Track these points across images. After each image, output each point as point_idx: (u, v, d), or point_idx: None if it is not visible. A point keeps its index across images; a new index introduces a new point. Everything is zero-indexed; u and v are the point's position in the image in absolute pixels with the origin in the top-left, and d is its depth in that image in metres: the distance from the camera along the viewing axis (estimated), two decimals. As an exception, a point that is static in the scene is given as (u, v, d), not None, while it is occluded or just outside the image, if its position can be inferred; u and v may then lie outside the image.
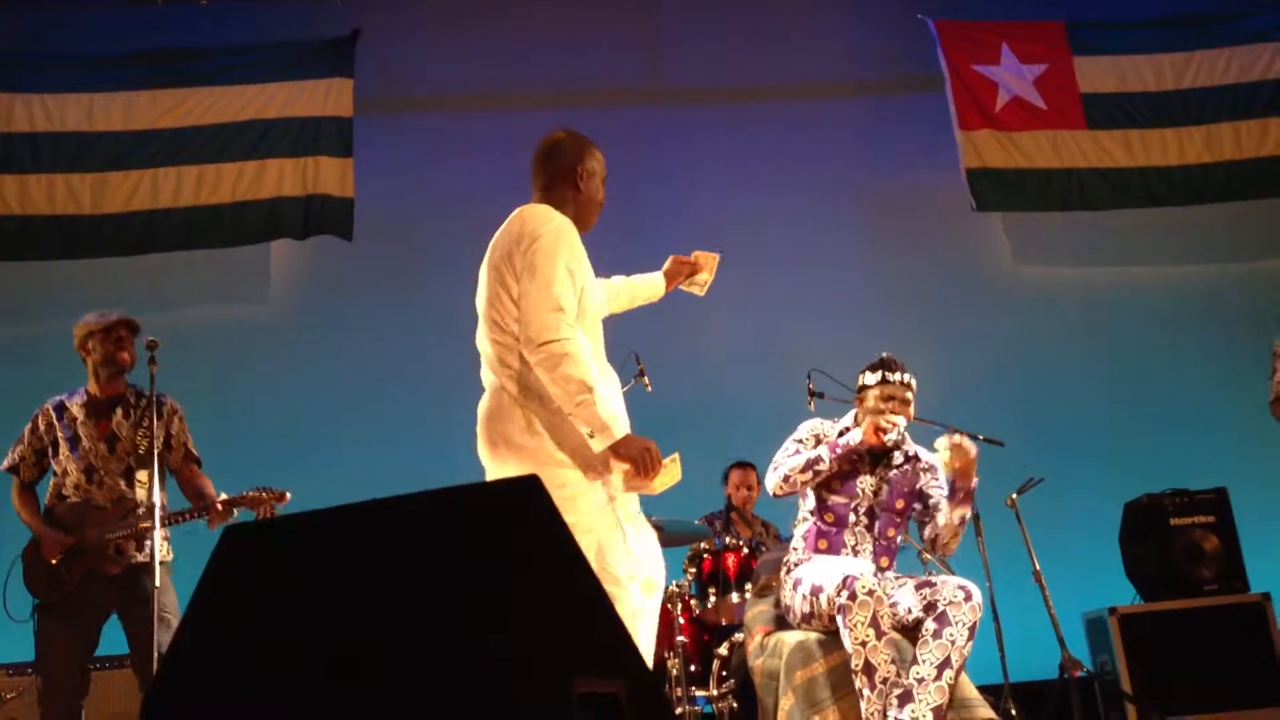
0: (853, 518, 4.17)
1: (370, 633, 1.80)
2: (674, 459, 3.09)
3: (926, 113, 7.62)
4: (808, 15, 7.95)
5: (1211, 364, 7.18)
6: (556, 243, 3.11)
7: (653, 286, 3.77)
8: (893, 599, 4.04)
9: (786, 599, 4.17)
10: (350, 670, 1.77)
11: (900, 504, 4.21)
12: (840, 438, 4.19)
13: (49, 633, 4.22)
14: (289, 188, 7.08)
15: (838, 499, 4.19)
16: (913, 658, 3.81)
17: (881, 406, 4.18)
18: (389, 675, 1.76)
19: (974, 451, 4.01)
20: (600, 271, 3.44)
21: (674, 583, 5.07)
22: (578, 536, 2.88)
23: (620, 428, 3.05)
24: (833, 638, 3.89)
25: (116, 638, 4.35)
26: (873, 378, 4.26)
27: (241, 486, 4.51)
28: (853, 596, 3.75)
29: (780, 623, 4.26)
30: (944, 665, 3.75)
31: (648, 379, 5.04)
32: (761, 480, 4.79)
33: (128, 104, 7.10)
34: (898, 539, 4.22)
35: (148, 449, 4.31)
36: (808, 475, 4.13)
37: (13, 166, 6.99)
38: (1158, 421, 7.15)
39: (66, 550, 4.25)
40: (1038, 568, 5.21)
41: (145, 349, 4.31)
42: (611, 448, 3.00)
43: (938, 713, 3.70)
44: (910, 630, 3.97)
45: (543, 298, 3.04)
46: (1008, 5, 7.93)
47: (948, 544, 4.17)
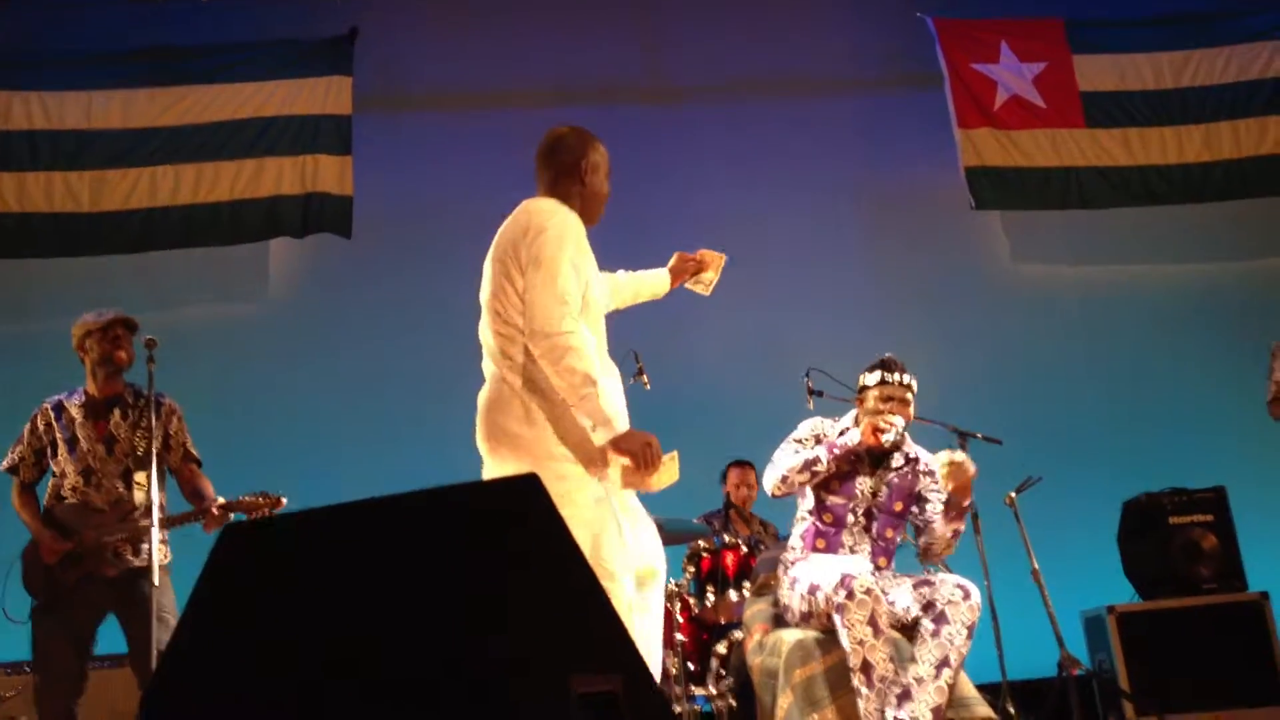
0: (851, 518, 4.17)
1: (369, 631, 1.80)
2: (673, 457, 3.09)
3: (925, 111, 7.62)
4: (807, 14, 7.95)
5: (1210, 363, 7.19)
6: (562, 235, 3.13)
7: (657, 283, 3.77)
8: (891, 598, 4.04)
9: (784, 598, 4.17)
10: (349, 669, 1.77)
11: (899, 506, 4.20)
12: (840, 438, 4.19)
13: (46, 632, 4.21)
14: (288, 186, 7.07)
15: (836, 500, 4.19)
16: (911, 656, 3.81)
17: (880, 407, 4.17)
18: (387, 674, 1.76)
19: (972, 471, 3.98)
20: (600, 268, 3.44)
21: (673, 581, 5.07)
22: (573, 530, 2.89)
23: (622, 422, 3.05)
24: (831, 636, 3.89)
25: (115, 637, 4.34)
26: (872, 378, 4.25)
27: (240, 485, 4.51)
28: (850, 595, 3.75)
29: (779, 621, 4.26)
30: (942, 664, 3.75)
31: (646, 377, 5.03)
32: (760, 479, 4.79)
33: (126, 102, 7.10)
34: (896, 540, 4.21)
35: (146, 450, 4.29)
36: (805, 475, 4.12)
37: (11, 164, 6.98)
38: (1156, 420, 7.15)
39: (64, 553, 4.24)
40: (1036, 566, 5.20)
41: (143, 347, 4.30)
42: (612, 442, 3.00)
43: (936, 712, 3.70)
44: (909, 629, 3.97)
45: (548, 290, 3.05)
46: (1007, 3, 7.92)
47: (940, 554, 4.17)
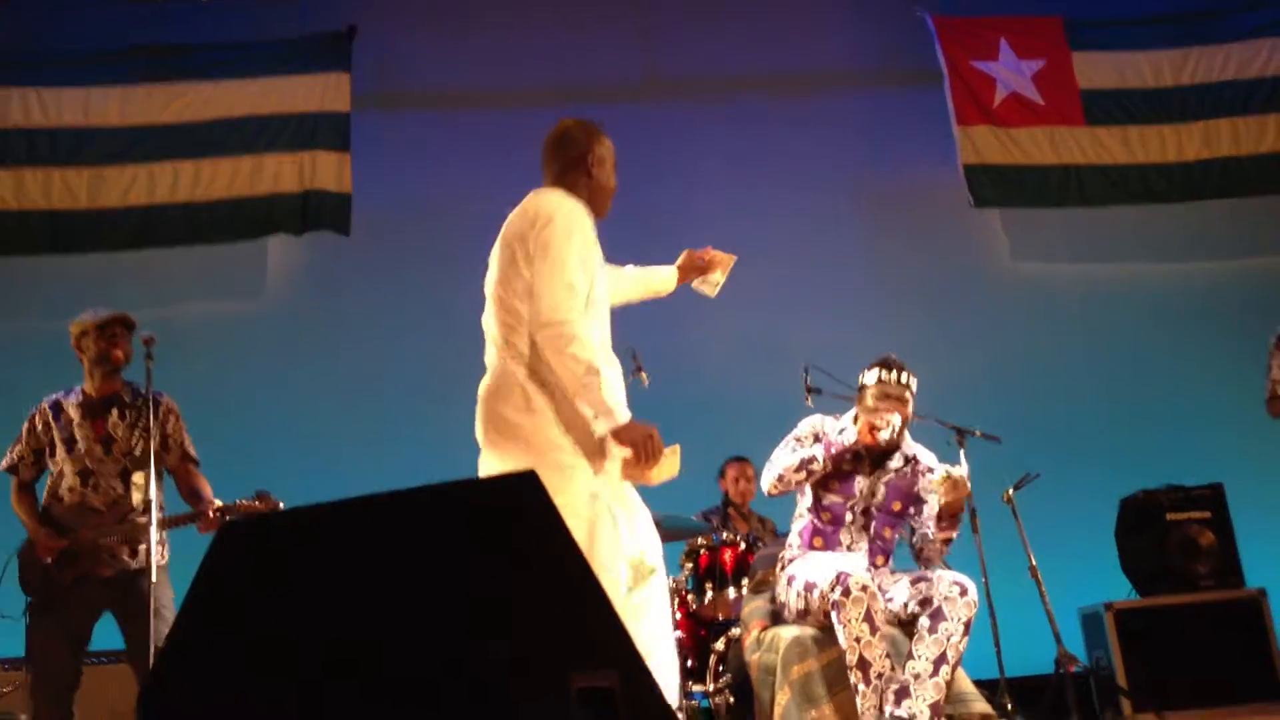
0: (849, 517, 4.17)
1: (366, 628, 1.80)
2: (674, 450, 3.09)
3: (924, 109, 7.61)
4: (806, 11, 7.94)
5: (1208, 360, 7.18)
6: (570, 226, 3.15)
7: (664, 280, 3.78)
8: (889, 594, 4.05)
9: (781, 595, 4.18)
10: (346, 666, 1.77)
11: (897, 505, 4.20)
12: (839, 436, 4.19)
13: (41, 630, 4.20)
14: (286, 183, 7.06)
15: (834, 498, 4.19)
16: (909, 653, 3.82)
17: (878, 405, 4.17)
18: (385, 671, 1.76)
19: (967, 489, 3.98)
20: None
21: (671, 578, 5.07)
22: (565, 518, 2.90)
23: (623, 413, 3.07)
24: (829, 633, 3.89)
25: (111, 632, 4.34)
26: (871, 376, 4.25)
27: (237, 483, 4.50)
28: (846, 593, 3.75)
29: (776, 618, 4.27)
30: (940, 660, 3.75)
31: (645, 374, 5.03)
32: (759, 476, 4.80)
33: (124, 99, 7.09)
34: (894, 539, 4.21)
35: (144, 450, 4.28)
36: (802, 474, 4.13)
37: (9, 161, 6.97)
38: (1154, 418, 7.15)
39: (60, 552, 4.23)
40: (1034, 563, 5.21)
41: (141, 345, 4.29)
42: (614, 432, 3.01)
43: (934, 708, 3.71)
44: (906, 625, 3.98)
45: (555, 278, 3.06)
46: (1006, 1, 7.92)
47: (930, 559, 4.17)
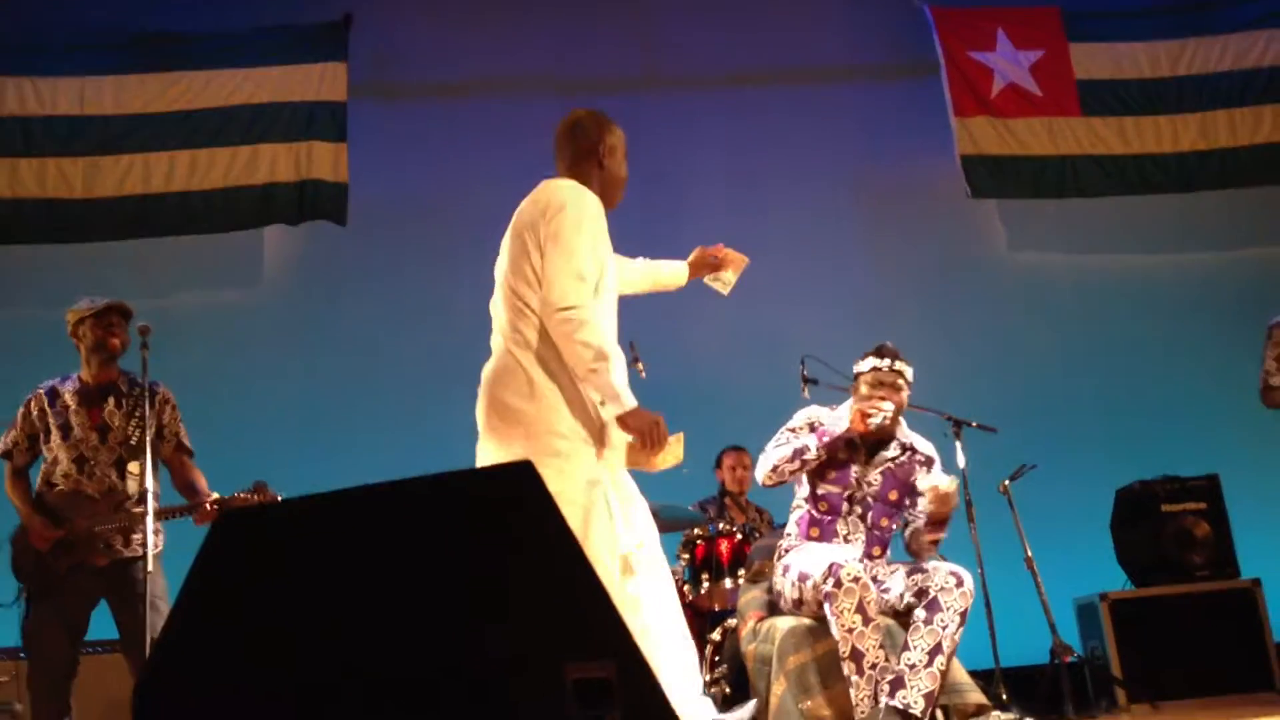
0: (846, 507, 4.17)
1: (363, 619, 1.80)
2: (678, 438, 3.12)
3: (921, 99, 7.60)
4: (804, 3, 7.92)
5: (1204, 351, 7.20)
6: (581, 214, 3.18)
7: (675, 275, 3.79)
8: (885, 585, 4.05)
9: (778, 585, 4.18)
10: (343, 657, 1.77)
11: (894, 495, 4.20)
12: (833, 424, 4.20)
13: (37, 619, 4.20)
14: (282, 173, 7.04)
15: (831, 488, 4.19)
16: (904, 644, 3.82)
17: (871, 393, 4.17)
18: (381, 661, 1.76)
19: (952, 503, 3.97)
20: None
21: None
22: (561, 505, 2.90)
23: (631, 399, 3.08)
24: (824, 624, 3.90)
25: (108, 622, 4.34)
26: (865, 364, 4.25)
27: (232, 473, 4.50)
28: (838, 584, 3.76)
29: (773, 608, 4.27)
30: (935, 651, 3.76)
31: (642, 365, 5.03)
32: (755, 466, 4.82)
33: (119, 87, 7.06)
34: (892, 528, 4.21)
35: (139, 439, 4.28)
36: (795, 464, 4.13)
37: (4, 150, 6.94)
38: (1150, 408, 7.16)
39: (55, 541, 4.23)
40: (1029, 554, 5.22)
41: (137, 335, 4.28)
42: (621, 418, 3.04)
43: (929, 698, 3.72)
44: (902, 616, 3.98)
45: (566, 265, 3.09)
46: (1003, -8, 7.91)
47: (919, 554, 4.17)
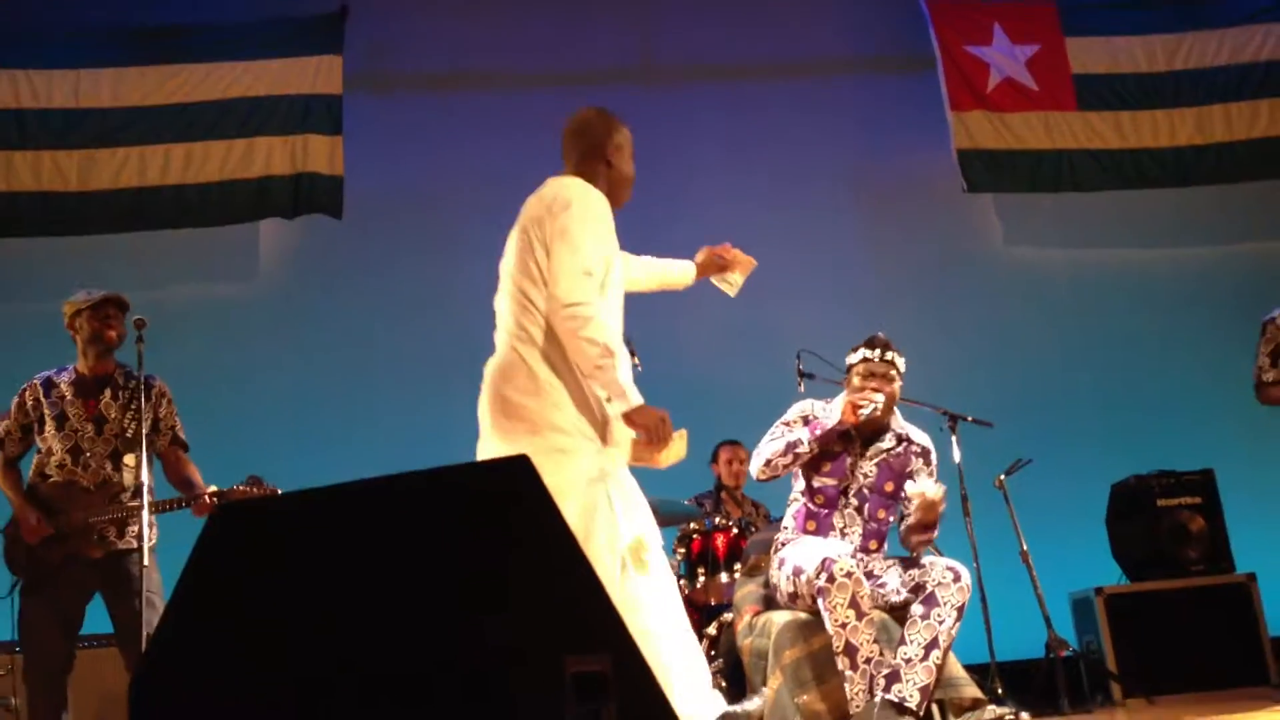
0: (842, 500, 4.17)
1: (359, 613, 1.80)
2: (681, 435, 3.14)
3: (918, 93, 7.59)
4: (801, -4, 7.92)
5: (1200, 346, 7.20)
6: (588, 212, 3.19)
7: (682, 274, 3.80)
8: (881, 579, 4.06)
9: (774, 579, 4.18)
10: (340, 651, 1.77)
11: (890, 486, 4.19)
12: (825, 417, 4.20)
13: (31, 611, 4.19)
14: (278, 166, 7.02)
15: (826, 481, 4.19)
16: (901, 638, 3.83)
17: (863, 384, 4.17)
18: (378, 656, 1.76)
19: (941, 508, 3.97)
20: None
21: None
22: (561, 501, 2.91)
23: (636, 396, 3.09)
24: (820, 618, 3.90)
25: (102, 615, 4.33)
26: (856, 356, 4.25)
27: (229, 465, 4.50)
28: (831, 579, 3.76)
29: (769, 602, 4.28)
30: (931, 645, 3.77)
31: (638, 359, 5.02)
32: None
33: (115, 80, 7.04)
34: (889, 520, 4.20)
35: (135, 432, 4.27)
36: (788, 458, 4.13)
37: (-1, 143, 6.94)
38: (1145, 403, 7.18)
39: (47, 535, 4.21)
40: (1025, 548, 5.23)
41: (133, 327, 4.27)
42: (627, 414, 3.06)
43: (924, 692, 3.72)
44: (899, 611, 3.99)
45: (573, 261, 3.10)
46: (999, -15, 7.90)
47: (911, 551, 4.17)
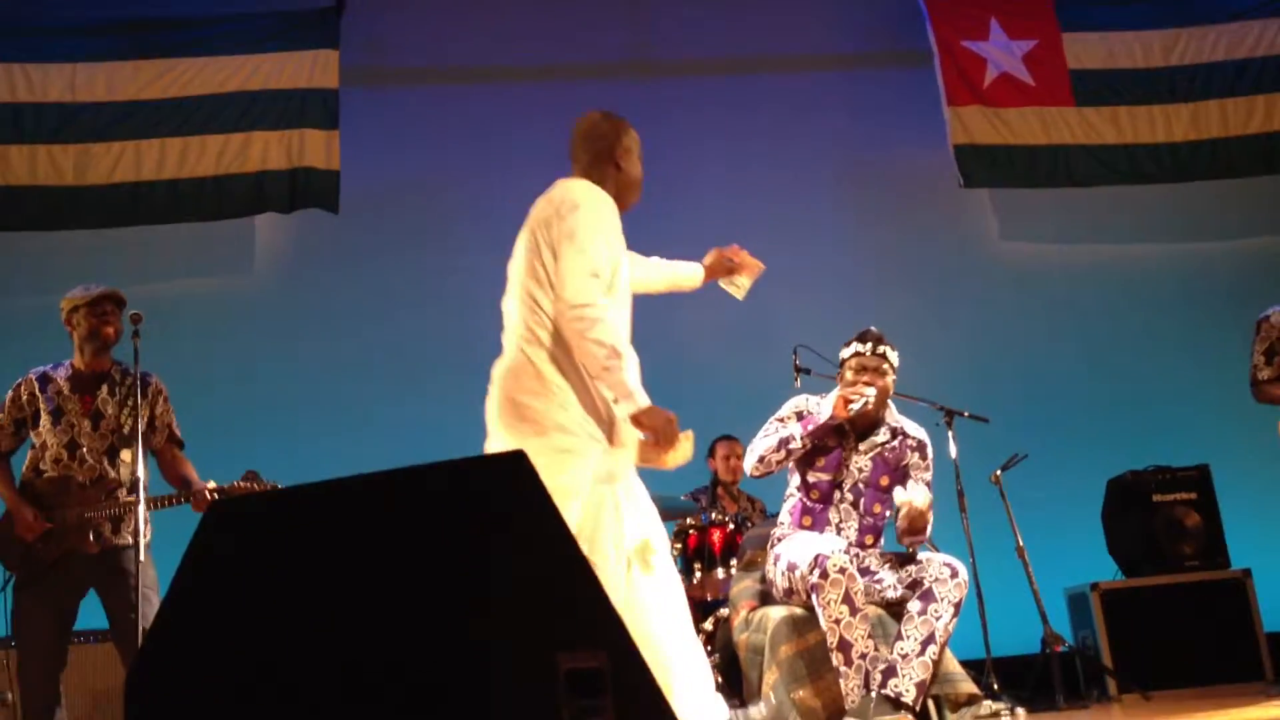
0: (837, 494, 4.18)
1: (355, 609, 1.79)
2: (687, 436, 3.15)
3: (915, 88, 7.59)
4: (798, -10, 7.91)
5: (1195, 342, 7.21)
6: (595, 214, 3.20)
7: (690, 276, 3.80)
8: (877, 575, 4.06)
9: (769, 574, 4.19)
10: (334, 645, 1.77)
11: (885, 481, 4.19)
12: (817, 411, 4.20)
13: (25, 608, 4.18)
14: (274, 161, 7.01)
15: (821, 476, 4.19)
16: (898, 633, 3.83)
17: (855, 378, 4.18)
18: (371, 650, 1.76)
19: (928, 517, 3.97)
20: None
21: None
22: (568, 500, 2.94)
23: (644, 398, 3.10)
24: (816, 614, 3.90)
25: (96, 612, 4.32)
26: (848, 350, 4.26)
27: (224, 460, 4.49)
28: (824, 575, 3.76)
29: (765, 598, 4.28)
30: (928, 641, 3.77)
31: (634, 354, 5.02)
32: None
33: (111, 74, 7.02)
34: (885, 515, 4.20)
35: (132, 428, 4.27)
36: (781, 454, 4.13)
37: (-6, 137, 6.92)
38: (1141, 399, 7.18)
39: (42, 531, 4.20)
40: (1021, 544, 5.24)
41: (129, 322, 4.26)
42: (634, 416, 3.06)
43: (920, 687, 3.73)
44: (895, 606, 3.99)
45: (580, 263, 3.10)
46: (997, -20, 7.89)
47: (907, 548, 4.17)
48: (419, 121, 7.48)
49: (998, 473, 5.38)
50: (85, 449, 4.29)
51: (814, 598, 3.81)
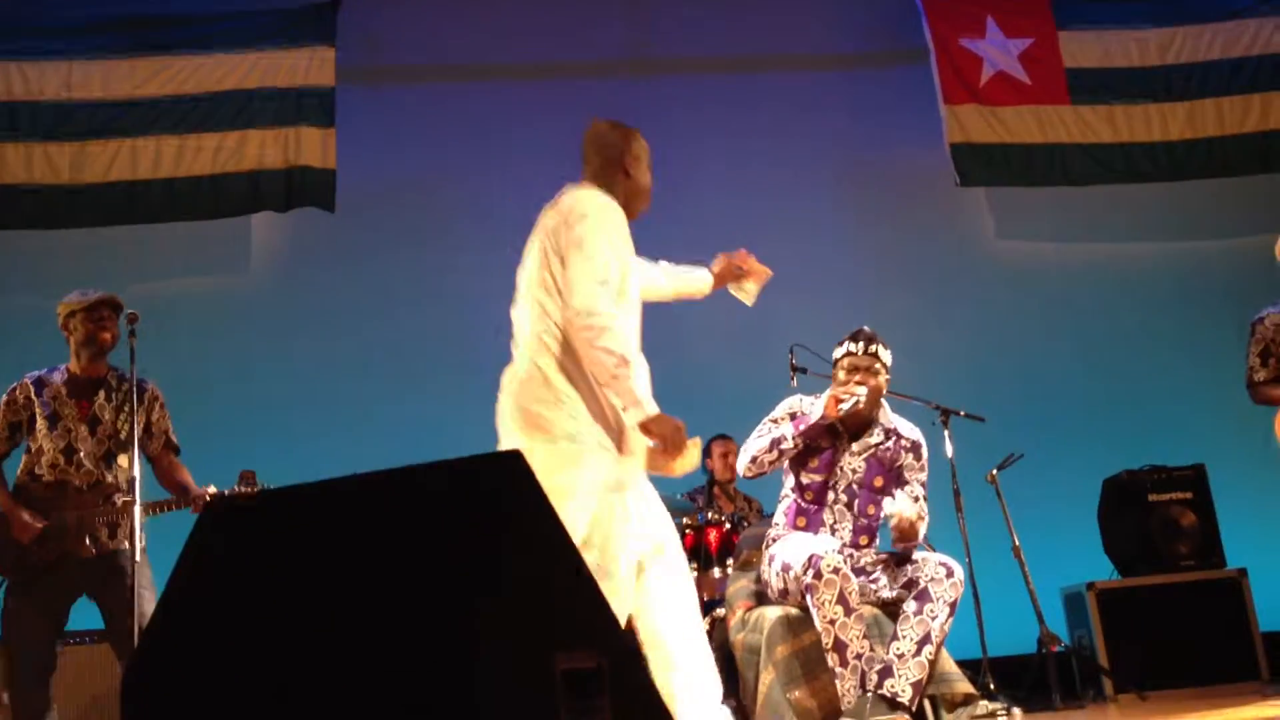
0: (831, 495, 4.17)
1: (351, 609, 1.79)
2: (695, 443, 3.17)
3: (911, 86, 7.59)
4: (795, -11, 7.91)
5: (1191, 341, 7.21)
6: (603, 221, 3.20)
7: (700, 283, 3.81)
8: (873, 575, 4.06)
9: (764, 575, 4.19)
10: (330, 647, 1.77)
11: (879, 481, 4.19)
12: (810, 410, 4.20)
13: (18, 611, 4.16)
14: (270, 159, 7.00)
15: (815, 477, 4.19)
16: (894, 633, 3.83)
17: (848, 378, 4.18)
18: (368, 651, 1.76)
19: (918, 527, 3.96)
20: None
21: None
22: (577, 509, 2.95)
23: (652, 405, 3.12)
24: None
25: (86, 614, 4.30)
26: (840, 350, 4.26)
27: (220, 459, 4.49)
28: (818, 575, 3.76)
29: (761, 598, 4.28)
30: (924, 641, 3.77)
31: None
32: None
33: (106, 72, 7.01)
34: (879, 516, 4.20)
35: (128, 434, 4.25)
36: (773, 455, 4.14)
37: (-10, 135, 6.91)
38: (1137, 398, 7.19)
39: (39, 534, 4.19)
40: (1017, 543, 5.24)
41: (125, 322, 4.26)
42: (643, 423, 3.07)
43: (917, 687, 3.73)
44: (891, 606, 3.99)
45: (588, 271, 3.11)
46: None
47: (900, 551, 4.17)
48: (416, 119, 7.47)
49: (994, 472, 5.38)
50: (82, 454, 4.28)
51: (808, 598, 3.81)
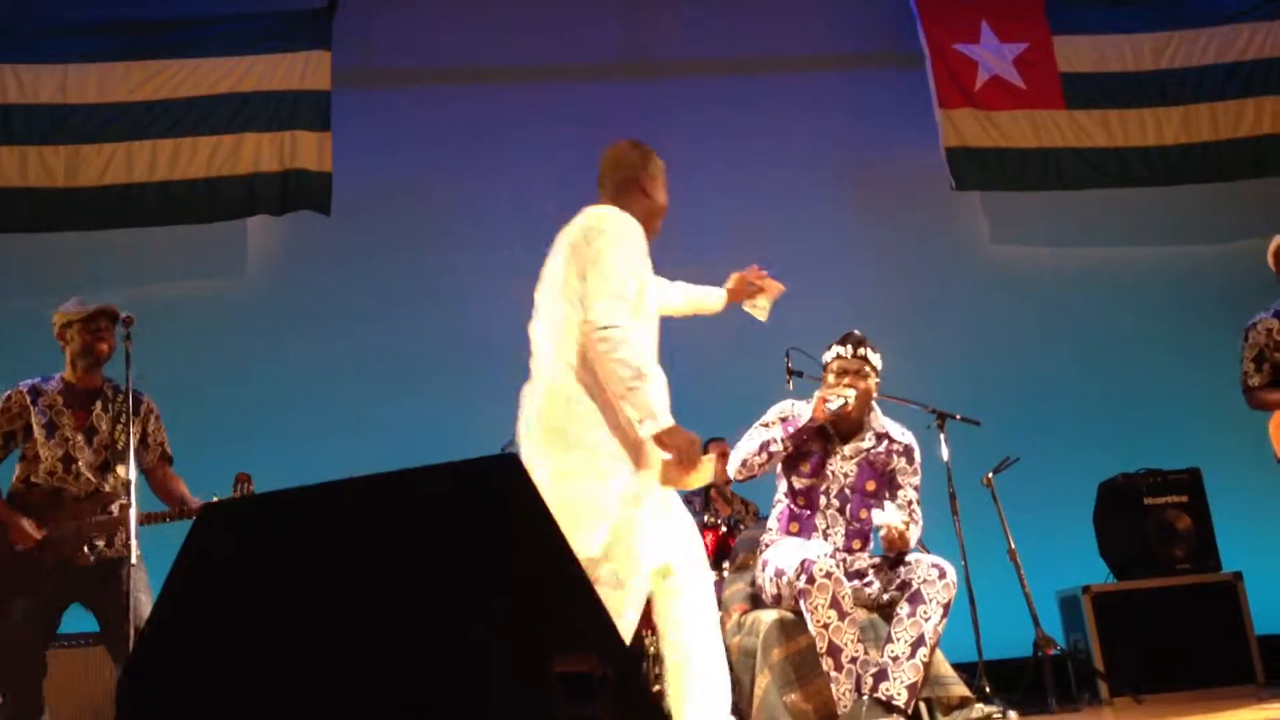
0: (824, 500, 4.17)
1: (347, 612, 1.79)
2: (710, 458, 3.19)
3: (907, 90, 7.60)
4: (792, -8, 7.92)
5: (1186, 345, 7.22)
6: (621, 237, 3.24)
7: (714, 300, 3.90)
8: (866, 579, 4.06)
9: (759, 579, 4.19)
10: (326, 649, 1.77)
11: (871, 485, 4.19)
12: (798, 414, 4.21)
13: (11, 617, 4.14)
14: (266, 163, 6.99)
15: (807, 481, 4.19)
16: (888, 636, 3.83)
17: (837, 381, 4.19)
18: (365, 653, 1.76)
19: (907, 539, 3.98)
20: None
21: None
22: (595, 521, 2.97)
23: (668, 418, 3.13)
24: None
25: (79, 615, 4.28)
26: (830, 353, 4.28)
27: (217, 463, 4.48)
28: (810, 580, 3.77)
29: (757, 601, 4.28)
30: (918, 643, 3.77)
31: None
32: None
33: (102, 75, 7.01)
34: (872, 520, 4.19)
35: (125, 445, 4.24)
36: (763, 458, 4.14)
37: (-15, 138, 6.90)
38: (1132, 402, 7.19)
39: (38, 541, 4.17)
40: (1013, 546, 5.24)
41: (120, 325, 4.24)
42: (657, 436, 3.09)
43: (912, 690, 3.73)
44: (885, 609, 3.99)
45: (606, 286, 3.15)
46: (988, -17, 7.90)
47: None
48: (411, 123, 7.47)
49: (989, 475, 5.39)
50: (81, 463, 4.27)
51: (801, 603, 3.81)
